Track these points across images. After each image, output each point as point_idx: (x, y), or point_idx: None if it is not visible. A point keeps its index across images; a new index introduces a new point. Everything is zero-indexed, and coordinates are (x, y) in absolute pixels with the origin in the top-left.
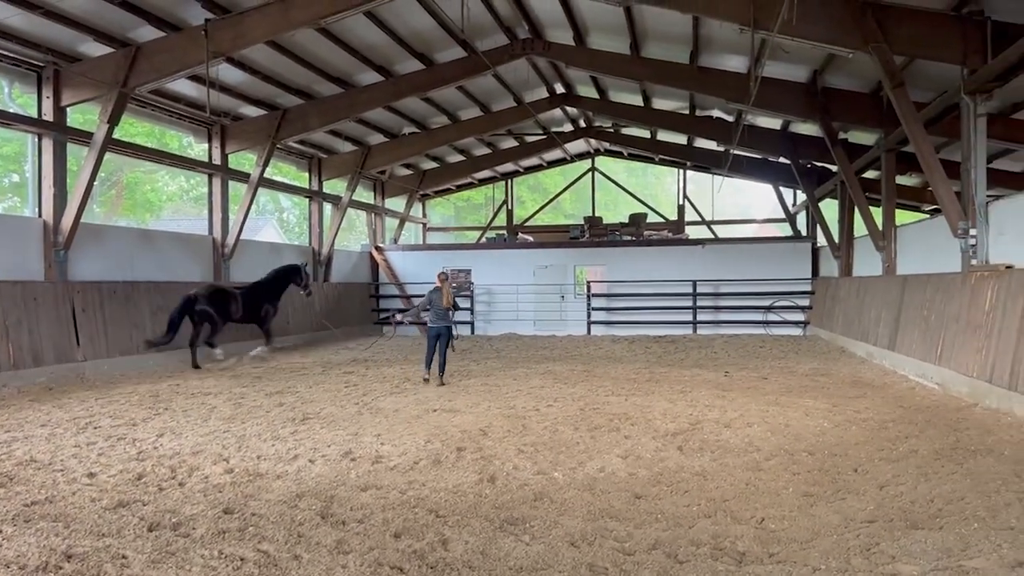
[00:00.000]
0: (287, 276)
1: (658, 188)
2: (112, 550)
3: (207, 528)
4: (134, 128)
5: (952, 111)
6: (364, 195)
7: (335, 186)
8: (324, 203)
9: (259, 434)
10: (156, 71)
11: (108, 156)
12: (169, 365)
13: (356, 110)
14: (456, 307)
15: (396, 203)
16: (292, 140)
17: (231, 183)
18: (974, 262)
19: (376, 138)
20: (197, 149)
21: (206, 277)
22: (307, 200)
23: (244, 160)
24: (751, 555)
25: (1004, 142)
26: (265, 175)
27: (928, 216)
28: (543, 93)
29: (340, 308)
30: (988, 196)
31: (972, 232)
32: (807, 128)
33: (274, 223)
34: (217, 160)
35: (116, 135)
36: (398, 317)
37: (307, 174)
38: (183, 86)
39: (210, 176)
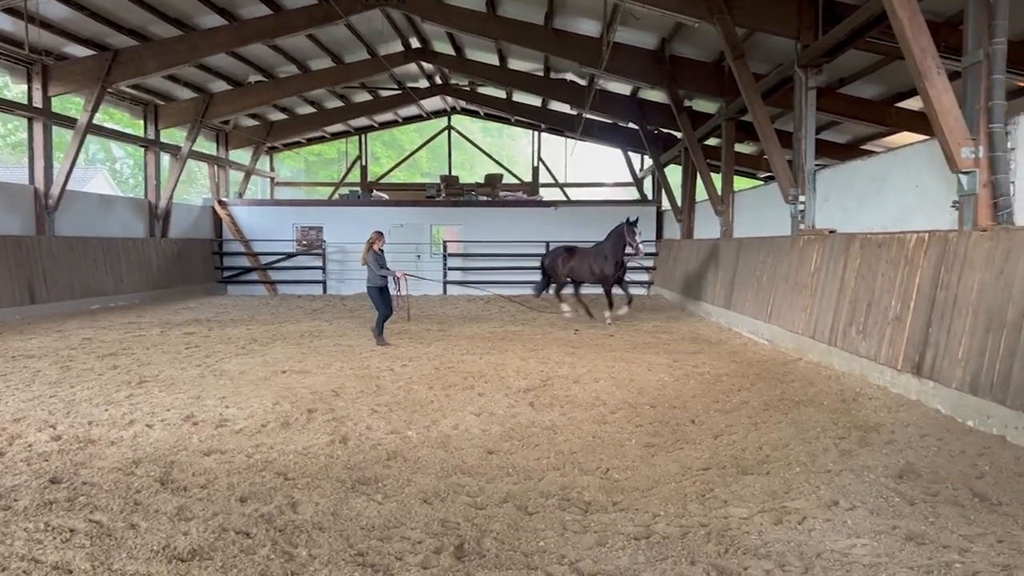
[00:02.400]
0: (620, 234)
1: (514, 149)
2: None
3: (31, 499)
4: None
5: (787, 83)
6: (206, 146)
7: (173, 135)
8: (161, 153)
9: (90, 399)
10: None
11: None
12: None
13: (197, 55)
14: (379, 266)
15: (241, 155)
16: (125, 84)
17: (56, 129)
18: (802, 226)
19: (219, 85)
20: (15, 90)
21: (26, 230)
22: (142, 150)
23: (71, 104)
24: (596, 504)
25: (831, 114)
26: (95, 121)
27: (763, 183)
28: (398, 47)
29: (179, 266)
30: (816, 165)
31: (801, 198)
32: (655, 95)
33: (105, 173)
34: (39, 103)
35: None
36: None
37: (142, 121)
38: None
39: (30, 120)
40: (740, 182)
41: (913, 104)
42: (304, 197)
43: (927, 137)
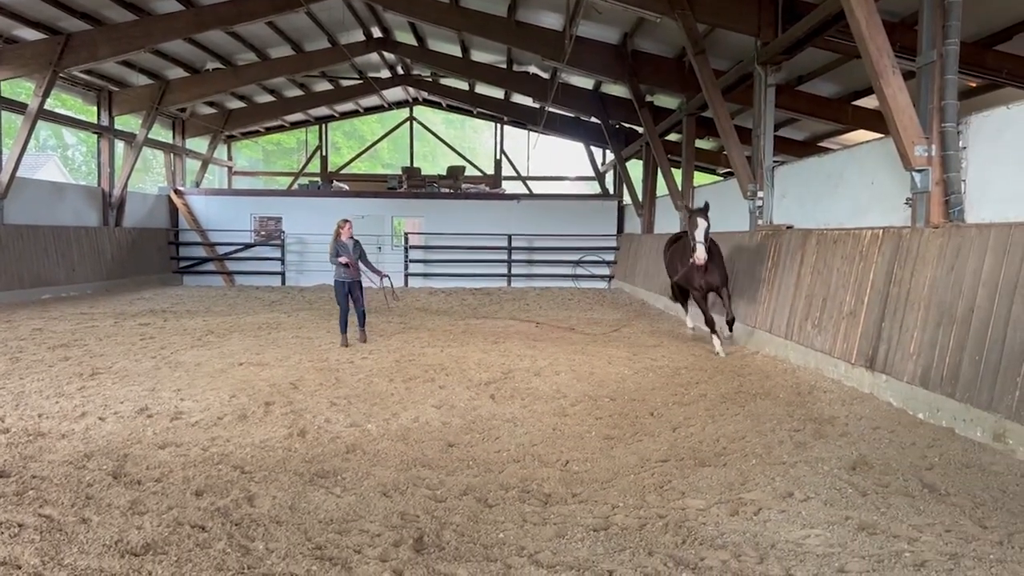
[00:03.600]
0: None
1: (476, 142)
2: None
3: None
4: None
5: (746, 80)
6: (162, 133)
7: (128, 122)
8: (116, 140)
9: (40, 391)
10: None
11: None
12: None
13: (152, 40)
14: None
15: (198, 143)
16: (78, 69)
17: (5, 114)
18: (760, 222)
19: (176, 72)
20: None
21: None
22: (96, 137)
23: (20, 89)
24: (556, 496)
25: (789, 111)
26: (46, 107)
27: (722, 178)
28: (360, 36)
29: (134, 255)
30: (774, 161)
31: (760, 194)
32: (617, 90)
33: (57, 160)
34: None
35: None
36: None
37: (96, 108)
38: None
39: None
40: (700, 177)
41: (869, 102)
42: (263, 187)
43: (882, 135)
